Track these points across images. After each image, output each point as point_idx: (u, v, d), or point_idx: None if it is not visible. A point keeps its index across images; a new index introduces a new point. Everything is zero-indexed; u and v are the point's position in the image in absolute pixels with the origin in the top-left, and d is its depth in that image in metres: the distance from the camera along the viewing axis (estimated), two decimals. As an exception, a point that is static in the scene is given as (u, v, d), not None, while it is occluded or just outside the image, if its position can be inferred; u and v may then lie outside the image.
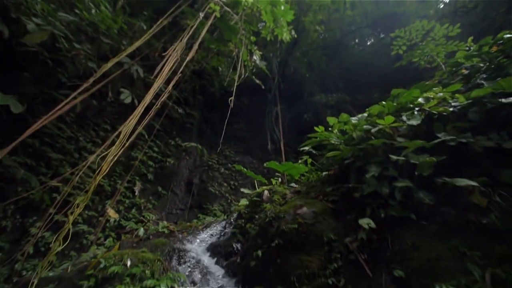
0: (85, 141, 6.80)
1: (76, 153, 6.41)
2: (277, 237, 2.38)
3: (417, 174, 2.22)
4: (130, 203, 7.38)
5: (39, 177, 5.35)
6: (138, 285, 1.99)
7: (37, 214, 5.28)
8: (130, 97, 6.71)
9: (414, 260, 1.86)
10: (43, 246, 5.05)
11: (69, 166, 6.10)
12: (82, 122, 6.98)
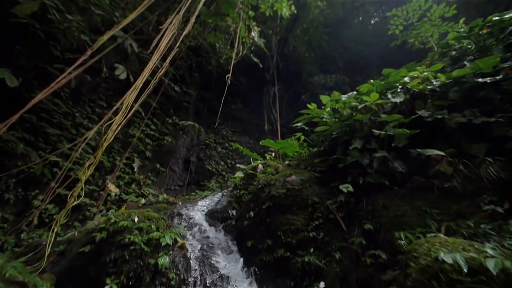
0: (82, 117, 6.93)
1: (73, 129, 6.57)
2: (268, 201, 2.72)
3: (394, 146, 2.51)
4: (129, 178, 7.73)
5: (38, 152, 5.56)
6: (145, 237, 2.34)
7: (39, 187, 5.58)
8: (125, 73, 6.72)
9: (383, 217, 2.21)
10: (47, 217, 5.40)
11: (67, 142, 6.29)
12: (77, 98, 7.03)
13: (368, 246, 1.99)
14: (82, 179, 2.37)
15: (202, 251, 2.44)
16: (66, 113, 6.55)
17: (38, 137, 5.77)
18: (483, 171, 2.08)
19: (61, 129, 6.33)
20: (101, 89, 7.80)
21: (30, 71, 5.61)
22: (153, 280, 2.07)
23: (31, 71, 5.65)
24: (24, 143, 5.45)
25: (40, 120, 5.94)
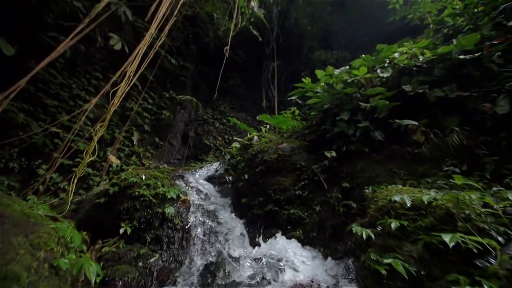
0: (78, 89, 7.03)
1: (71, 101, 6.72)
2: (261, 165, 3.08)
3: (376, 117, 2.80)
4: (129, 151, 8.08)
5: (38, 123, 5.77)
6: (152, 191, 2.72)
7: (42, 157, 5.89)
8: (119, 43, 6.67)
9: (359, 178, 2.59)
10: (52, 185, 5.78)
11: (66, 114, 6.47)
12: (72, 69, 7.06)
13: (343, 199, 2.39)
14: (94, 138, 2.66)
15: (202, 206, 2.86)
16: (62, 84, 6.64)
17: (37, 107, 5.94)
18: (449, 140, 2.42)
19: (59, 100, 6.48)
20: (96, 60, 7.76)
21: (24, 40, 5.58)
22: (161, 224, 2.49)
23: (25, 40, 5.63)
24: (23, 113, 5.64)
25: (38, 90, 6.06)
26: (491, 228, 1.27)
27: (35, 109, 5.84)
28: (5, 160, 5.39)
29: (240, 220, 2.79)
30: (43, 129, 5.57)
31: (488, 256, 1.17)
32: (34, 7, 5.21)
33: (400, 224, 1.47)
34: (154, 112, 8.84)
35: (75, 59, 7.00)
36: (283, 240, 2.30)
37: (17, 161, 5.59)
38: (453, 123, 2.64)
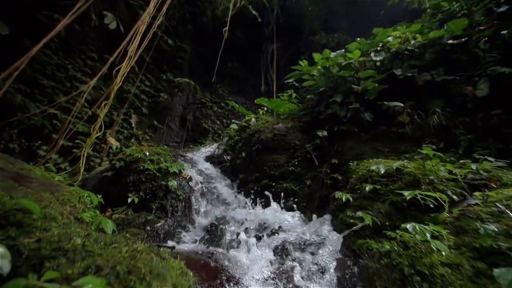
0: (74, 69, 7.06)
1: (67, 82, 6.77)
2: (257, 144, 3.32)
3: (366, 99, 3.01)
4: (128, 133, 8.26)
5: (36, 104, 5.88)
6: (156, 166, 2.97)
7: (41, 139, 6.06)
8: (114, 22, 6.62)
9: (347, 155, 2.85)
10: (53, 166, 6.00)
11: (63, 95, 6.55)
12: (67, 49, 7.03)
13: (331, 173, 2.67)
14: (100, 115, 2.85)
15: (202, 181, 3.13)
16: (58, 64, 6.67)
17: (33, 89, 6.01)
18: (431, 120, 2.65)
19: (55, 81, 6.53)
20: (90, 40, 7.69)
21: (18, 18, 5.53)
22: (166, 195, 2.77)
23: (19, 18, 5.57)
24: (21, 94, 5.73)
25: (34, 71, 6.10)
26: (449, 189, 1.55)
27: (32, 91, 5.92)
28: (5, 141, 5.56)
29: (237, 193, 3.08)
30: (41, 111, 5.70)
31: (442, 210, 1.45)
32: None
33: (373, 188, 1.74)
34: (151, 94, 8.91)
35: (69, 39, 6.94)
36: (276, 208, 2.60)
37: (17, 142, 5.77)
38: (438, 105, 2.87)
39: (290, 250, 1.50)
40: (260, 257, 1.40)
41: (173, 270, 0.91)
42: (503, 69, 2.61)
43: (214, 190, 2.99)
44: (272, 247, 1.62)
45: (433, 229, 1.12)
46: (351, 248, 1.40)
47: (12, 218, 1.12)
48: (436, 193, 1.39)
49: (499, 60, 2.79)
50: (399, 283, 0.98)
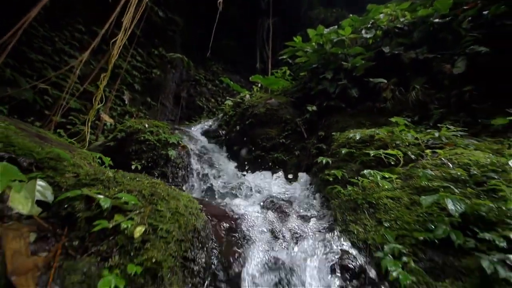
0: (61, 42, 6.94)
1: (55, 55, 6.69)
2: (251, 118, 3.59)
3: (354, 75, 3.25)
4: (122, 110, 8.34)
5: (25, 79, 5.87)
6: (156, 137, 3.23)
7: (34, 115, 6.13)
8: (101, -10, 6.39)
9: (334, 128, 3.16)
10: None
11: (52, 69, 6.52)
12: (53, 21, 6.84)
13: (317, 144, 3.00)
14: (100, 87, 3.03)
15: (199, 151, 3.43)
16: (44, 37, 6.54)
17: (22, 63, 5.96)
18: (410, 96, 2.95)
19: (43, 54, 6.46)
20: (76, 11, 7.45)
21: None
22: (166, 164, 3.08)
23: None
24: (9, 68, 5.69)
25: (21, 44, 5.99)
26: (409, 151, 1.89)
27: (21, 65, 5.88)
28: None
29: (232, 163, 3.42)
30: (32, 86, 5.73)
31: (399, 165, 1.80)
32: None
33: (349, 151, 2.08)
34: (143, 70, 8.85)
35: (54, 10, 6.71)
36: (267, 175, 2.95)
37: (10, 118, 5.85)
38: (420, 82, 3.14)
39: (276, 199, 1.86)
40: (253, 203, 1.75)
41: (183, 196, 1.23)
42: (480, 48, 2.86)
43: (211, 160, 3.31)
44: (262, 198, 1.98)
45: (385, 175, 1.46)
46: (324, 195, 1.76)
47: (47, 164, 1.41)
48: (395, 151, 1.73)
49: (480, 39, 3.03)
50: (352, 210, 1.33)
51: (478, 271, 0.92)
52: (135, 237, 0.96)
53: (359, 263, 1.03)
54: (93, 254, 0.93)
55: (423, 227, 1.09)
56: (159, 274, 0.92)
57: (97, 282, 0.84)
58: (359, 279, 0.97)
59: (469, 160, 1.44)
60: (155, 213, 1.07)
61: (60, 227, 1.08)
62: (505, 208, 1.12)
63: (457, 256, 0.98)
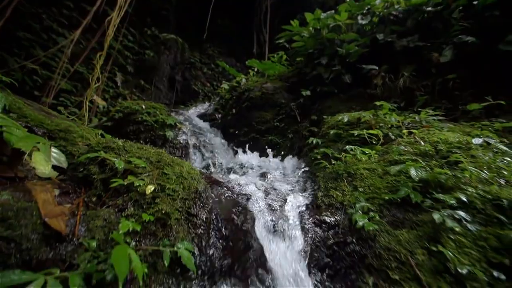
0: (49, 20, 6.73)
1: (43, 34, 6.51)
2: (247, 101, 3.71)
3: (347, 61, 3.38)
4: (114, 92, 8.26)
5: (13, 58, 5.73)
6: (153, 118, 3.35)
7: (24, 95, 6.03)
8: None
9: (326, 113, 3.33)
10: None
11: (40, 48, 6.36)
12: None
13: (309, 127, 3.18)
14: (97, 67, 3.07)
15: (196, 132, 3.57)
16: (32, 14, 6.33)
17: (10, 41, 5.79)
18: (398, 83, 3.12)
19: (31, 32, 6.28)
20: (62, -13, 7.15)
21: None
22: (164, 144, 3.22)
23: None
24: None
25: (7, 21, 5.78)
26: (390, 131, 2.09)
27: (8, 44, 5.72)
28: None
29: (228, 144, 3.59)
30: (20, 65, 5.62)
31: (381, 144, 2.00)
32: None
33: (337, 133, 2.27)
34: (136, 51, 8.68)
35: (38, -16, 6.43)
36: (262, 156, 3.15)
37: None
38: (410, 69, 3.31)
39: (269, 174, 2.06)
40: (251, 178, 1.95)
41: (186, 164, 1.41)
42: (467, 38, 3.02)
43: (208, 141, 3.46)
44: (257, 174, 2.18)
45: (365, 151, 1.67)
46: (311, 171, 1.96)
47: (57, 135, 1.55)
48: (377, 131, 1.93)
49: (469, 29, 3.17)
50: (334, 179, 1.54)
51: (430, 223, 1.14)
52: (147, 194, 1.14)
53: (335, 218, 1.24)
54: (110, 207, 1.11)
55: (390, 191, 1.30)
56: (168, 223, 1.11)
57: (116, 226, 1.02)
58: (334, 229, 1.19)
59: (438, 139, 1.65)
60: (162, 175, 1.24)
61: (78, 187, 1.25)
62: (461, 176, 1.34)
63: (415, 213, 1.20)
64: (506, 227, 1.13)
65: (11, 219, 0.84)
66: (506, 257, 1.06)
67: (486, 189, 1.27)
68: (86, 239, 0.93)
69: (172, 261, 1.02)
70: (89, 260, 0.90)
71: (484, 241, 1.09)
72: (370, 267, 1.01)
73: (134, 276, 0.94)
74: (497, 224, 1.15)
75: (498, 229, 1.13)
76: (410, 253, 1.01)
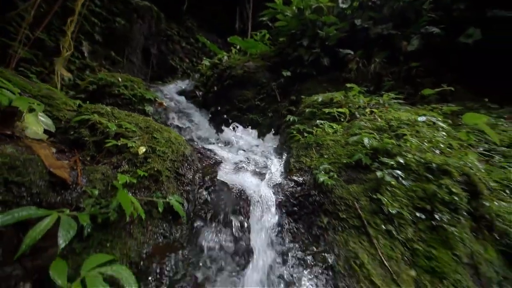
0: None
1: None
2: (229, 79, 3.82)
3: (327, 44, 3.62)
4: (81, 64, 7.67)
5: None
6: (131, 92, 3.33)
7: None
8: None
9: (305, 94, 3.59)
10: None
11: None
12: None
13: (288, 106, 3.43)
14: (68, 33, 2.92)
15: (176, 109, 3.64)
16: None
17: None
18: (370, 68, 3.46)
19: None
20: None
21: None
22: (143, 118, 3.27)
23: None
24: None
25: None
26: (357, 111, 2.41)
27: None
28: None
29: (210, 122, 3.73)
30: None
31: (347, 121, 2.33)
32: None
33: (312, 111, 2.55)
34: (104, 18, 8.00)
35: None
36: (243, 132, 3.36)
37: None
38: (382, 56, 3.65)
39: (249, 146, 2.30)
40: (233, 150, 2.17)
41: (172, 132, 1.58)
42: (433, 29, 3.40)
43: (189, 117, 3.57)
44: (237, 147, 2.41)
45: (333, 125, 1.97)
46: (287, 144, 2.24)
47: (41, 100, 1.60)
48: (344, 109, 2.24)
49: (436, 20, 3.55)
50: (305, 148, 1.83)
51: (375, 179, 1.48)
52: (139, 154, 1.31)
53: (303, 178, 1.54)
54: (106, 164, 1.27)
55: (348, 157, 1.62)
56: (160, 179, 1.31)
57: (114, 180, 1.19)
58: (302, 186, 1.49)
59: (392, 117, 1.99)
60: (152, 139, 1.41)
61: (70, 148, 1.37)
62: (404, 145, 1.69)
63: (365, 173, 1.54)
64: (432, 183, 1.51)
65: (20, 167, 0.98)
66: (428, 203, 1.44)
67: (422, 156, 1.63)
68: (89, 187, 1.10)
69: (164, 210, 1.24)
70: (93, 205, 1.08)
71: (413, 192, 1.46)
72: (326, 211, 1.33)
73: (133, 219, 1.15)
74: (425, 180, 1.53)
75: (425, 184, 1.50)
76: (356, 200, 1.34)
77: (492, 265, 1.41)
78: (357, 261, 1.08)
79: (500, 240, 1.57)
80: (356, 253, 1.11)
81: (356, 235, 1.20)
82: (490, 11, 3.44)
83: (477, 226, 1.54)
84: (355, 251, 1.12)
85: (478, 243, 1.46)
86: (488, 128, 1.51)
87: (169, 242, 1.15)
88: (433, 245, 1.24)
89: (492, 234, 1.58)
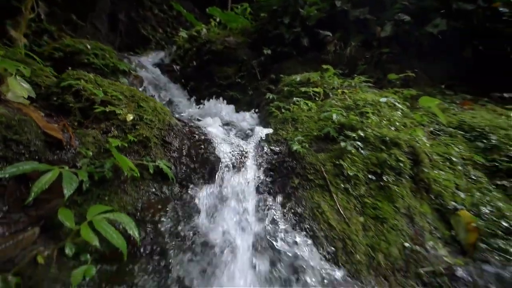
0: None
1: None
2: (208, 54, 3.83)
3: (307, 24, 3.77)
4: (37, 27, 6.87)
5: None
6: (102, 61, 3.19)
7: None
8: None
9: (285, 73, 3.77)
10: None
11: None
12: None
13: (268, 85, 3.61)
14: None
15: (153, 82, 3.60)
16: None
17: None
18: (346, 52, 3.72)
19: None
20: None
21: None
22: (118, 91, 3.20)
23: None
24: None
25: None
26: (331, 92, 2.68)
27: None
28: None
29: (189, 98, 3.77)
30: None
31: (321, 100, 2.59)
32: None
33: (290, 90, 2.76)
34: (60, -27, 7.07)
35: None
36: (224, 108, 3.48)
37: None
38: (358, 39, 3.91)
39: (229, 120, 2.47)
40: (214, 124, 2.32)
41: (157, 102, 1.68)
42: (404, 16, 3.71)
43: (167, 92, 3.57)
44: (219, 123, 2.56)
45: (308, 103, 2.21)
46: (266, 120, 2.46)
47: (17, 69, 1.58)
48: (319, 89, 2.49)
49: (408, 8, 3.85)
50: (282, 123, 2.07)
51: (339, 149, 1.78)
52: (127, 121, 1.42)
53: (279, 148, 1.78)
54: (95, 129, 1.37)
55: (319, 130, 1.89)
56: (148, 145, 1.45)
57: (105, 144, 1.31)
58: (278, 154, 1.74)
59: (359, 98, 2.29)
60: (139, 108, 1.52)
61: (55, 114, 1.43)
62: (365, 122, 2.01)
63: (332, 144, 1.83)
64: (384, 152, 1.86)
65: (16, 126, 1.06)
66: (379, 168, 1.79)
67: (379, 131, 1.96)
68: (83, 148, 1.22)
69: (154, 172, 1.40)
70: (88, 165, 1.21)
71: (368, 160, 1.79)
72: (298, 174, 1.60)
73: (126, 178, 1.30)
74: (379, 150, 1.86)
75: (379, 153, 1.84)
76: (323, 165, 1.63)
77: (425, 217, 1.84)
78: (319, 210, 1.38)
79: (435, 200, 2.01)
80: (319, 204, 1.41)
81: (320, 192, 1.50)
82: (455, 3, 3.83)
83: (417, 187, 1.94)
84: (318, 203, 1.42)
85: (416, 200, 1.86)
86: (438, 110, 1.86)
87: (161, 199, 1.33)
88: (379, 199, 1.59)
89: (429, 195, 2.01)
